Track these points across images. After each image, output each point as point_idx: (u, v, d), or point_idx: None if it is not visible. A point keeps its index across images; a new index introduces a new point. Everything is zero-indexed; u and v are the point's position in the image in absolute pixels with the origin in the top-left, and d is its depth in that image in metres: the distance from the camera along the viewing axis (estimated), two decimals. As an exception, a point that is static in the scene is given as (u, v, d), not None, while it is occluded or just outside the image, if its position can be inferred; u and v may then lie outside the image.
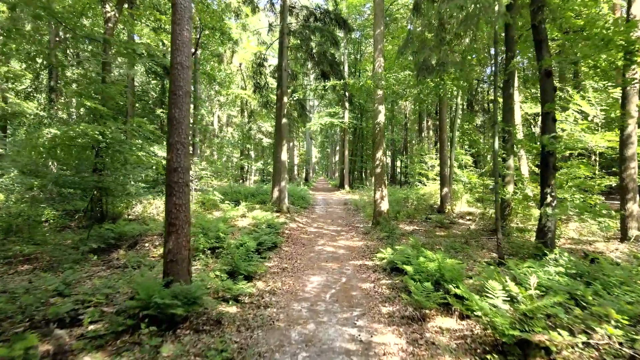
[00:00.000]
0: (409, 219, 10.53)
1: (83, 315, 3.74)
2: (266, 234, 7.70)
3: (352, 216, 12.31)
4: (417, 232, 8.60)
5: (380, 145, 9.34)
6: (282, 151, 11.89)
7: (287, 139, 11.97)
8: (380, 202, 9.25)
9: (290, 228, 9.76)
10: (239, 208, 11.04)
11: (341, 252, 7.33)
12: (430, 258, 4.95)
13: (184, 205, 4.29)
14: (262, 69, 12.38)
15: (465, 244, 6.91)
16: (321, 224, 10.75)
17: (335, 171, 53.55)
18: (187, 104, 4.52)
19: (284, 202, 11.86)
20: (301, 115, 12.82)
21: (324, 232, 9.42)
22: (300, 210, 12.85)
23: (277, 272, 5.85)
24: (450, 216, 11.15)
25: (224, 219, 9.40)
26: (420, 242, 6.56)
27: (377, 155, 9.37)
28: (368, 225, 9.93)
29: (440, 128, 11.89)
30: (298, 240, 8.40)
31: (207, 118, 29.40)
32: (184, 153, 4.41)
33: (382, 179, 9.33)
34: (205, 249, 6.21)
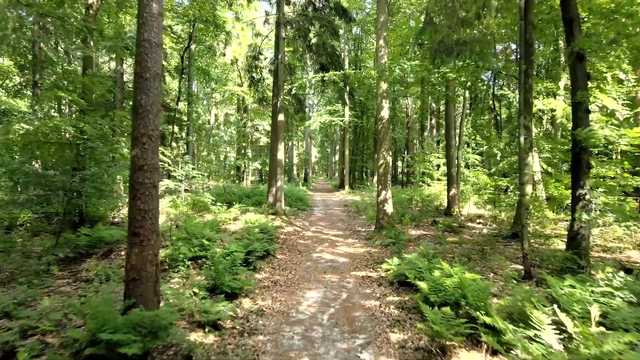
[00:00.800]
0: (414, 223, 9.78)
1: (19, 349, 3.00)
2: (258, 240, 6.95)
3: (353, 219, 11.56)
4: (424, 238, 7.85)
5: (384, 143, 8.59)
6: (279, 150, 11.15)
7: (283, 137, 11.23)
8: (384, 205, 8.50)
9: (286, 233, 9.02)
10: (232, 210, 10.30)
11: (341, 260, 6.58)
12: (446, 272, 4.21)
13: (151, 212, 3.55)
14: (257, 62, 11.65)
15: (481, 251, 6.16)
16: (320, 228, 10.00)
17: (335, 171, 52.80)
18: (156, 88, 3.78)
19: (280, 204, 11.12)
20: (299, 112, 12.08)
21: (323, 237, 8.67)
22: (297, 213, 12.11)
23: (268, 286, 5.10)
24: (458, 219, 10.40)
25: (214, 223, 8.66)
26: (431, 250, 5.81)
27: (380, 154, 8.63)
28: (371, 230, 9.18)
29: (447, 126, 11.15)
30: (294, 247, 7.65)
31: (204, 116, 28.72)
32: (152, 148, 3.67)
33: (386, 179, 8.59)
34: (185, 259, 5.46)
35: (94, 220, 9.25)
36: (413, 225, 9.51)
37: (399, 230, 8.25)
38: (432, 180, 14.03)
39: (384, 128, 8.58)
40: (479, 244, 7.06)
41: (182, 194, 10.67)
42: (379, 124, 8.62)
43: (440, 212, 11.74)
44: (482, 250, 6.22)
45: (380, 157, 8.64)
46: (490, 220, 9.84)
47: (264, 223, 8.98)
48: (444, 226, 8.83)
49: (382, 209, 8.53)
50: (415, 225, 9.58)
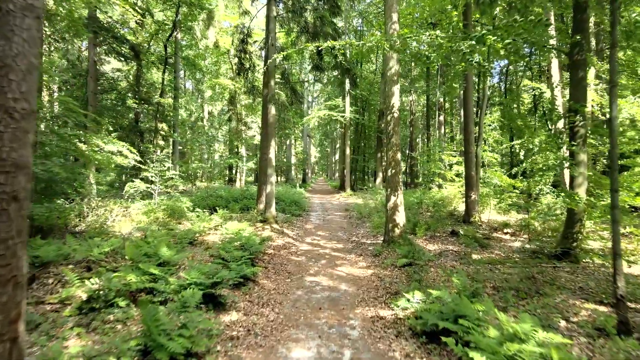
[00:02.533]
0: (429, 233, 8.21)
1: None
2: (235, 260, 5.40)
3: (355, 227, 10.00)
4: (446, 255, 6.29)
5: (394, 138, 7.04)
6: (270, 147, 9.59)
7: (275, 133, 9.69)
8: (395, 213, 6.94)
9: (275, 246, 7.46)
10: (213, 218, 8.75)
11: (343, 288, 5.03)
12: (510, 331, 2.65)
13: (6, 242, 2.01)
14: (245, 46, 10.14)
15: (530, 280, 4.60)
16: (317, 239, 8.44)
17: (335, 171, 51.20)
18: (27, 30, 2.21)
19: (271, 210, 9.56)
20: (293, 102, 10.55)
21: (320, 252, 7.12)
22: (291, 219, 10.55)
23: (238, 336, 3.55)
24: (480, 228, 8.84)
25: (187, 234, 7.12)
26: (464, 279, 4.24)
27: (389, 151, 7.08)
28: (378, 242, 7.63)
29: (465, 118, 9.59)
30: (283, 267, 6.10)
31: (197, 113, 27.17)
32: (14, 132, 2.12)
33: (396, 182, 7.03)
34: (119, 298, 3.90)
35: (46, 229, 7.70)
36: (428, 236, 7.95)
37: (413, 244, 6.69)
38: (445, 181, 12.46)
39: (394, 120, 7.02)
40: (517, 264, 5.50)
41: (155, 198, 9.12)
42: (388, 114, 7.06)
43: (456, 219, 10.18)
44: (531, 277, 4.65)
45: (389, 154, 7.08)
46: (520, 230, 8.29)
47: (249, 235, 7.43)
48: (467, 238, 7.27)
49: (392, 218, 6.97)
50: (431, 236, 8.01)
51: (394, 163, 7.03)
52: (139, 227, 8.26)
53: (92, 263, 5.21)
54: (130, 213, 9.81)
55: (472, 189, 9.42)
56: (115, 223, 9.40)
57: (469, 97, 9.54)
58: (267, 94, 9.20)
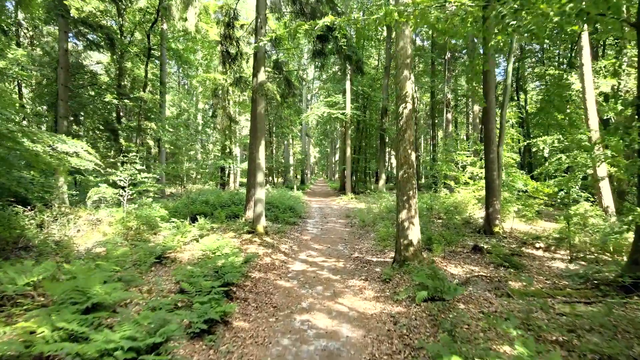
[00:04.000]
0: (447, 248, 6.89)
1: None
2: (204, 292, 4.08)
3: (358, 238, 8.69)
4: (476, 283, 4.97)
5: (407, 133, 5.72)
6: (259, 147, 8.29)
7: (265, 130, 8.37)
8: (408, 227, 5.62)
9: (262, 266, 6.15)
10: (191, 229, 7.43)
11: (345, 334, 3.72)
12: None
13: None
14: (231, 31, 8.83)
15: (612, 329, 3.27)
16: (313, 255, 7.13)
17: (335, 172, 49.84)
18: None
19: (260, 219, 8.25)
20: (287, 96, 9.25)
21: (316, 275, 5.81)
22: (285, 229, 9.22)
23: None
24: (505, 240, 7.53)
25: (150, 253, 5.81)
26: (527, 346, 2.92)
27: (401, 150, 5.76)
28: (387, 262, 6.31)
29: (486, 114, 8.28)
30: (267, 298, 4.79)
31: (190, 112, 25.88)
32: None
33: (410, 188, 5.71)
34: None
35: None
36: (447, 253, 6.62)
37: (432, 267, 5.37)
38: (458, 185, 11.13)
39: (407, 111, 5.71)
40: (572, 296, 4.18)
41: (124, 205, 7.80)
42: (400, 104, 5.74)
43: (474, 229, 8.87)
44: (613, 326, 3.33)
45: (400, 153, 5.76)
46: (554, 244, 6.96)
47: (231, 251, 6.14)
48: (495, 257, 5.95)
49: (404, 233, 5.65)
50: (450, 251, 6.69)
51: (407, 164, 5.71)
52: (103, 241, 6.96)
53: (6, 301, 3.91)
54: (102, 222, 8.56)
55: (495, 194, 8.10)
56: (79, 234, 8.13)
57: (490, 87, 8.22)
58: (256, 84, 7.89)
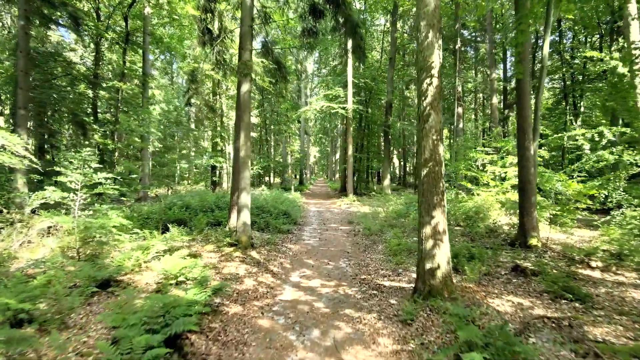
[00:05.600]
0: (479, 267, 5.41)
1: None
2: (136, 352, 2.62)
3: (364, 251, 7.21)
4: (538, 330, 3.49)
5: (432, 119, 4.24)
6: (244, 140, 6.83)
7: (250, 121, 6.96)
8: (434, 246, 4.14)
9: (241, 294, 4.68)
10: (155, 243, 5.96)
11: None
12: None
13: None
14: (212, 3, 7.36)
15: None
16: (308, 275, 5.65)
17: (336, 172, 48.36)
18: None
19: (245, 230, 6.79)
20: (277, 81, 7.79)
21: (311, 308, 4.34)
22: (276, 240, 7.75)
23: None
24: (545, 256, 6.06)
25: (94, 276, 4.36)
26: None
27: (424, 142, 4.28)
28: (404, 289, 4.84)
29: (520, 102, 6.79)
30: (236, 356, 3.32)
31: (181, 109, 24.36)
32: None
33: (437, 192, 4.23)
34: None
35: None
36: (482, 275, 5.14)
37: (469, 302, 3.91)
38: (478, 186, 9.64)
39: (433, 89, 4.23)
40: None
41: (75, 212, 6.33)
42: (424, 78, 4.27)
43: (501, 238, 7.41)
44: None
45: (423, 146, 4.28)
46: (614, 261, 5.49)
47: (200, 275, 4.70)
48: (550, 283, 4.48)
49: (428, 253, 4.17)
50: (485, 274, 5.21)
51: (433, 161, 4.23)
52: (42, 259, 5.50)
53: None
54: (59, 231, 7.13)
55: (531, 198, 6.63)
56: (26, 247, 6.71)
57: (524, 65, 6.73)
58: (240, 65, 6.42)
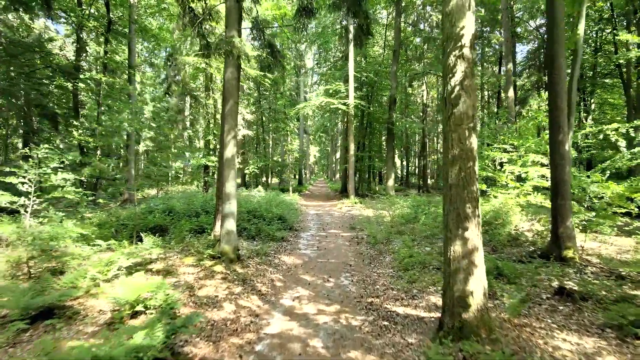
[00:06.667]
0: (509, 288, 4.40)
1: None
2: None
3: (369, 264, 6.22)
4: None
5: (463, 104, 3.25)
6: (229, 134, 5.84)
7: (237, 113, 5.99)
8: (467, 269, 3.15)
9: (216, 325, 3.69)
10: (120, 256, 4.96)
11: None
12: None
13: None
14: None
15: None
16: (303, 300, 4.65)
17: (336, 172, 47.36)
18: None
19: (230, 239, 5.80)
20: (269, 66, 6.80)
21: (302, 352, 3.34)
22: (267, 250, 6.76)
23: None
24: (587, 271, 5.06)
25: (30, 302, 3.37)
26: None
27: (451, 133, 3.28)
28: (422, 319, 3.84)
29: (553, 89, 5.78)
30: None
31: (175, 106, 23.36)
32: None
33: (470, 199, 3.23)
34: None
35: None
36: (524, 307, 4.13)
37: (514, 344, 2.91)
38: (494, 188, 8.63)
39: (465, 66, 3.24)
40: None
41: (26, 220, 5.32)
42: (451, 53, 3.28)
43: (524, 247, 6.42)
44: None
45: (451, 141, 3.29)
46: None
47: (164, 302, 3.73)
48: (617, 315, 3.49)
49: (459, 277, 3.17)
50: (522, 300, 4.19)
51: (464, 157, 3.24)
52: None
53: None
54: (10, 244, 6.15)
55: (566, 203, 5.63)
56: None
57: (558, 49, 5.73)
58: (222, 42, 5.44)
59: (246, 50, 5.30)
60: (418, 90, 28.51)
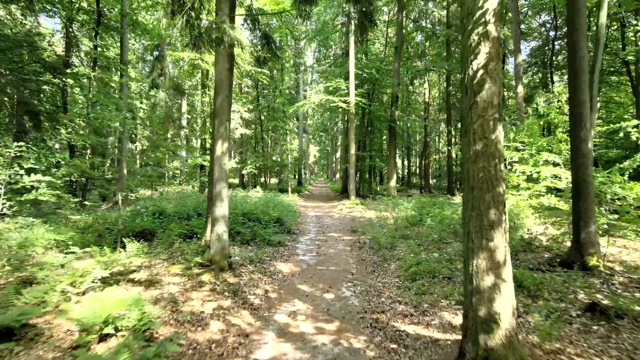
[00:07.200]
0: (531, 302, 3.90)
1: None
2: None
3: (373, 271, 5.72)
4: None
5: (487, 91, 2.76)
6: (220, 132, 5.35)
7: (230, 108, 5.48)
8: (493, 287, 2.66)
9: (197, 349, 3.18)
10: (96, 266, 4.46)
11: None
12: None
13: None
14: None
15: None
16: (300, 315, 4.14)
17: (336, 172, 46.83)
18: None
19: (221, 246, 5.30)
20: (264, 60, 6.30)
21: (300, 380, 2.85)
22: (263, 256, 6.26)
23: None
24: (613, 281, 4.57)
25: None
26: None
27: (476, 124, 2.80)
28: (439, 342, 3.33)
29: (574, 82, 5.28)
30: None
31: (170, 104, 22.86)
32: None
33: (496, 202, 2.74)
34: None
35: None
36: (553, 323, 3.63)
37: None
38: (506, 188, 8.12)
39: (489, 46, 2.74)
40: None
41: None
42: (473, 31, 2.79)
43: (539, 253, 5.92)
44: None
45: (473, 134, 2.80)
46: None
47: (138, 322, 3.24)
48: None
49: (484, 296, 2.68)
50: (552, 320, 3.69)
51: (488, 155, 2.74)
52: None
53: None
54: None
55: (589, 206, 5.13)
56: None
57: (580, 39, 5.24)
58: (211, 28, 4.95)
59: (238, 37, 4.82)
60: (420, 89, 28.01)
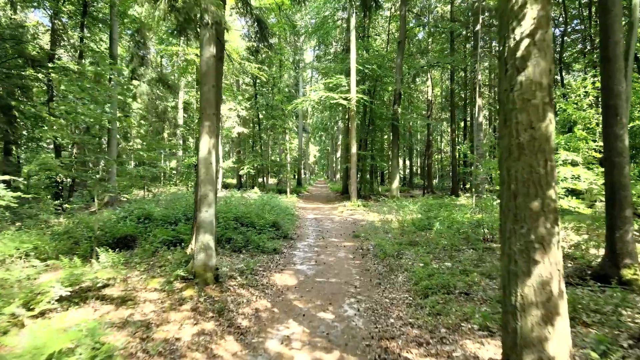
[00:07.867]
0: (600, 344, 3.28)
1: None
2: None
3: (379, 284, 5.09)
4: None
5: (534, 66, 2.15)
6: (207, 128, 4.72)
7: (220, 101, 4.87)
8: (543, 322, 2.06)
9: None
10: (56, 284, 3.84)
11: None
12: None
13: None
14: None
15: None
16: (294, 342, 3.51)
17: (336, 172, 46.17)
18: None
19: (207, 256, 4.67)
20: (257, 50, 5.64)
21: None
22: (255, 266, 5.63)
23: None
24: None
25: None
26: None
27: (520, 109, 2.18)
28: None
29: (607, 70, 4.66)
30: None
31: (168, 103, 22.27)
32: None
33: (544, 211, 2.13)
34: None
35: None
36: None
37: None
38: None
39: (536, 5, 2.12)
40: None
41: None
42: None
43: (577, 270, 5.29)
44: None
45: (514, 123, 2.18)
46: None
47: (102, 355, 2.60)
48: None
49: (532, 335, 2.06)
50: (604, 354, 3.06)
51: (535, 150, 2.13)
52: None
53: None
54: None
55: (625, 212, 4.51)
56: None
57: (614, 21, 4.62)
58: (196, 9, 4.32)
59: (221, 15, 4.19)
60: (422, 87, 27.38)
